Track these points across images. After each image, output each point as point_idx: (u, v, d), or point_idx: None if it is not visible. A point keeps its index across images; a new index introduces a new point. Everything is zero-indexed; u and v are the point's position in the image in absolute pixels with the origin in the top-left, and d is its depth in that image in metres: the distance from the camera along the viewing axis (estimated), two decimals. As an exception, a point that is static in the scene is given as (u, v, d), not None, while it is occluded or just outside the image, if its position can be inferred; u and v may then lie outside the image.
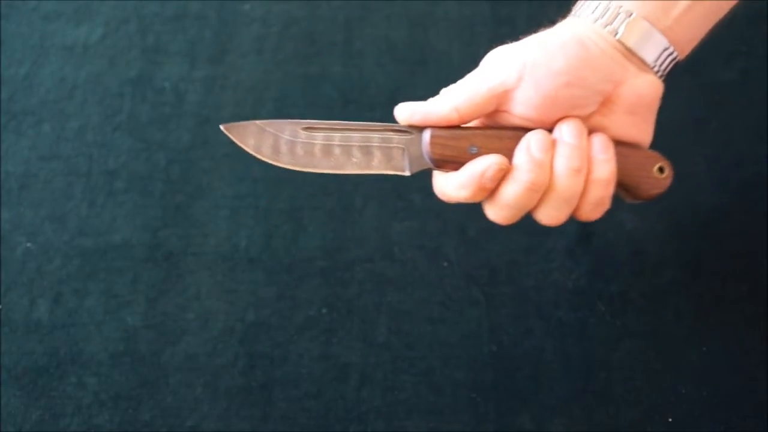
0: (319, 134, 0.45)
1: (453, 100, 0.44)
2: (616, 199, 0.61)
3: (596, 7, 0.44)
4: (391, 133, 0.45)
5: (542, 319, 0.56)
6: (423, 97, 0.67)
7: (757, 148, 0.64)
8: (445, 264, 0.59)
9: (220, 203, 0.62)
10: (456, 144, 0.44)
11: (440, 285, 0.58)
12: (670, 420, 0.52)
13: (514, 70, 0.43)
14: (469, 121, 0.45)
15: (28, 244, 0.60)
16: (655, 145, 0.64)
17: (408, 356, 0.55)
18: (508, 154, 0.43)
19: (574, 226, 0.60)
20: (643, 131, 0.46)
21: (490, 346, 0.55)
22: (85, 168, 0.64)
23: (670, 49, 0.44)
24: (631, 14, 0.43)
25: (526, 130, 0.44)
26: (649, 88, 0.44)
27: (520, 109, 0.44)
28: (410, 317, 0.57)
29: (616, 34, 0.43)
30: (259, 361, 0.55)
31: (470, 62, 0.45)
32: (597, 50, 0.43)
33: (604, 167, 0.43)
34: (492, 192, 0.44)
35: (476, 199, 0.44)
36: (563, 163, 0.43)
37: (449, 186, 0.44)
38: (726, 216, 0.60)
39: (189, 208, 0.62)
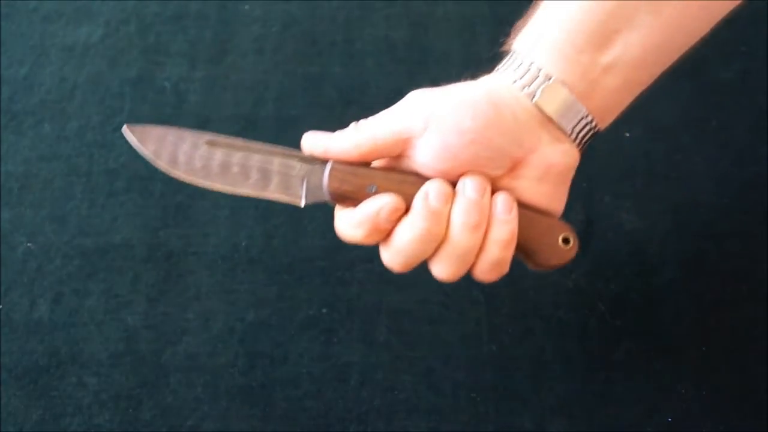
0: (221, 150, 0.44)
1: (356, 138, 0.43)
2: (617, 198, 0.62)
3: (518, 66, 0.42)
4: (295, 160, 0.44)
5: (542, 319, 0.56)
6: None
7: (757, 148, 0.64)
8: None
9: (220, 203, 0.62)
10: (355, 180, 0.43)
11: (440, 285, 0.58)
12: (670, 420, 0.52)
13: (420, 119, 0.42)
14: (370, 161, 0.44)
15: (29, 244, 0.60)
16: (655, 145, 0.65)
17: (408, 356, 0.55)
18: (408, 199, 0.42)
19: (574, 226, 0.60)
20: (554, 199, 0.44)
21: (490, 346, 0.55)
22: (85, 168, 0.64)
23: (589, 118, 0.42)
24: (549, 78, 0.41)
25: (428, 178, 0.43)
26: (562, 158, 0.42)
27: (422, 158, 0.42)
28: (410, 317, 0.57)
29: (533, 97, 0.41)
30: (259, 361, 0.55)
31: (470, 62, 0.45)
32: (509, 114, 0.41)
33: (504, 228, 0.42)
34: (387, 235, 0.43)
35: (371, 241, 0.43)
36: (460, 217, 0.41)
37: (344, 222, 0.43)
38: (726, 216, 0.60)
39: (189, 208, 0.62)
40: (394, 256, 0.43)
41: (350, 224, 0.43)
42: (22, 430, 0.52)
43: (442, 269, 0.43)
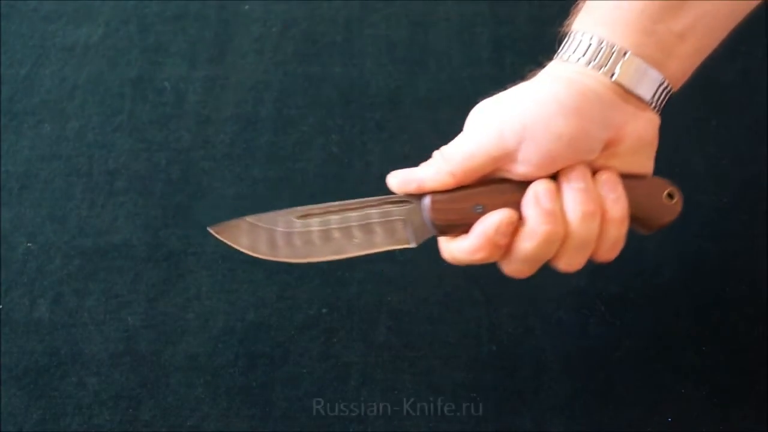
0: (316, 220, 0.43)
1: (448, 165, 0.42)
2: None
3: (586, 49, 0.42)
4: (389, 205, 0.43)
5: (542, 319, 0.56)
6: (423, 98, 0.68)
7: (757, 148, 0.64)
8: (445, 264, 0.59)
9: (220, 203, 0.62)
10: (459, 207, 0.42)
11: (440, 285, 0.58)
12: (670, 420, 0.52)
13: (512, 135, 0.41)
14: (466, 183, 0.43)
15: (29, 244, 0.60)
16: (655, 145, 0.64)
17: (408, 356, 0.55)
18: (515, 207, 0.42)
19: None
20: (645, 164, 0.45)
21: (490, 346, 0.55)
22: (85, 168, 0.64)
23: (665, 83, 0.43)
24: (625, 53, 0.41)
25: (528, 181, 0.42)
26: (648, 127, 0.43)
27: (521, 169, 0.42)
28: (410, 317, 0.57)
29: (613, 75, 0.41)
30: (259, 361, 0.55)
31: (470, 62, 0.45)
32: (595, 98, 0.41)
33: (616, 206, 0.42)
34: (507, 248, 0.42)
35: (493, 259, 0.43)
36: (576, 208, 0.41)
37: (461, 251, 0.42)
38: (726, 216, 0.60)
39: (189, 208, 0.62)
40: (519, 266, 0.43)
41: (468, 251, 0.42)
42: (22, 430, 0.52)
43: (567, 263, 0.43)
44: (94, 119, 0.67)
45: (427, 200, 0.42)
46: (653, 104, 0.43)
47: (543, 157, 0.41)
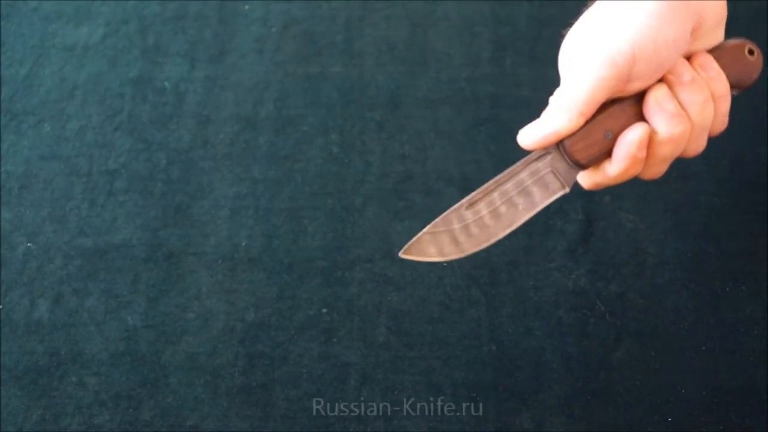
0: (482, 204, 0.45)
1: (576, 107, 0.43)
2: (617, 199, 0.62)
3: None
4: (534, 163, 0.45)
5: (542, 319, 0.56)
6: (423, 98, 0.68)
7: (757, 148, 0.64)
8: (445, 264, 0.59)
9: (220, 203, 0.62)
10: (594, 140, 0.44)
11: (440, 285, 0.58)
12: (670, 420, 0.52)
13: (624, 59, 0.43)
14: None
15: (29, 244, 0.60)
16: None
17: (408, 356, 0.55)
18: (635, 119, 0.44)
19: (574, 226, 0.60)
20: (719, 36, 0.47)
21: (490, 346, 0.55)
22: (85, 168, 0.64)
23: None
24: None
25: (639, 93, 0.45)
26: (718, 4, 0.45)
27: (634, 86, 0.44)
28: (410, 317, 0.57)
29: None
30: (259, 361, 0.55)
31: (470, 62, 0.45)
32: None
33: (718, 83, 0.45)
34: (647, 158, 0.45)
35: (637, 173, 0.45)
36: (694, 99, 0.44)
37: (610, 176, 0.45)
38: (726, 216, 0.60)
39: (189, 208, 0.62)
40: (659, 168, 0.46)
41: (618, 174, 0.44)
42: (22, 430, 0.52)
43: (694, 149, 0.46)
44: (94, 119, 0.67)
45: (566, 145, 0.44)
46: None
47: (655, 68, 0.43)
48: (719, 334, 0.55)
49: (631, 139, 0.44)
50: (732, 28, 0.48)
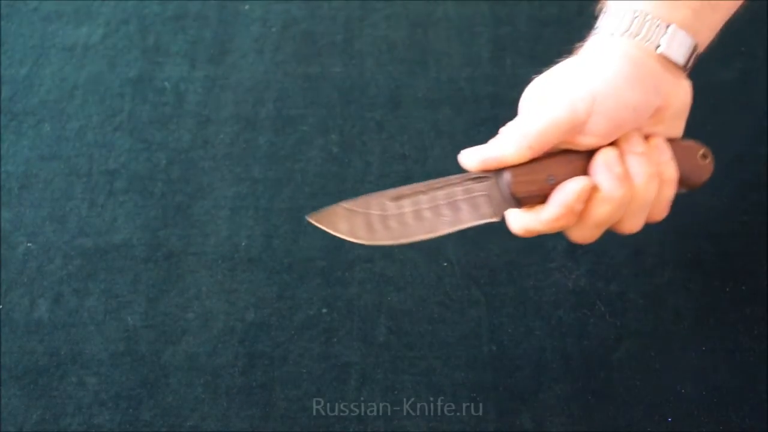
0: (407, 201, 0.44)
1: (526, 139, 0.43)
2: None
3: (631, 23, 0.44)
4: (470, 182, 0.44)
5: (542, 319, 0.56)
6: (423, 98, 0.68)
7: (756, 148, 0.64)
8: (445, 264, 0.59)
9: (220, 203, 0.62)
10: (536, 178, 0.44)
11: (440, 285, 0.58)
12: (670, 420, 0.52)
13: (584, 107, 0.43)
14: (538, 156, 0.45)
15: (29, 244, 0.60)
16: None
17: (408, 356, 0.55)
18: (580, 173, 0.44)
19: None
20: (680, 129, 0.48)
21: (490, 346, 0.55)
22: (85, 168, 0.64)
23: (697, 50, 0.46)
24: (668, 26, 0.44)
25: (590, 150, 0.45)
26: (686, 93, 0.46)
27: (587, 140, 0.44)
28: (410, 317, 0.57)
29: (658, 47, 0.44)
30: (259, 361, 0.55)
31: (470, 62, 0.45)
32: (648, 70, 0.44)
33: (669, 168, 0.45)
34: (581, 215, 0.44)
35: (568, 227, 0.45)
36: (641, 171, 0.44)
37: (539, 221, 0.44)
38: (726, 216, 0.60)
39: (189, 208, 0.62)
40: (591, 231, 0.45)
41: (548, 220, 0.44)
42: (22, 430, 0.52)
43: (632, 224, 0.46)
44: (94, 119, 0.67)
45: (507, 175, 0.44)
46: (687, 69, 0.46)
47: (611, 127, 0.43)
48: (719, 334, 0.55)
49: (572, 187, 0.43)
50: (732, 28, 0.48)
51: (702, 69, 0.69)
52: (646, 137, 0.46)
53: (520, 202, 0.44)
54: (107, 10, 0.74)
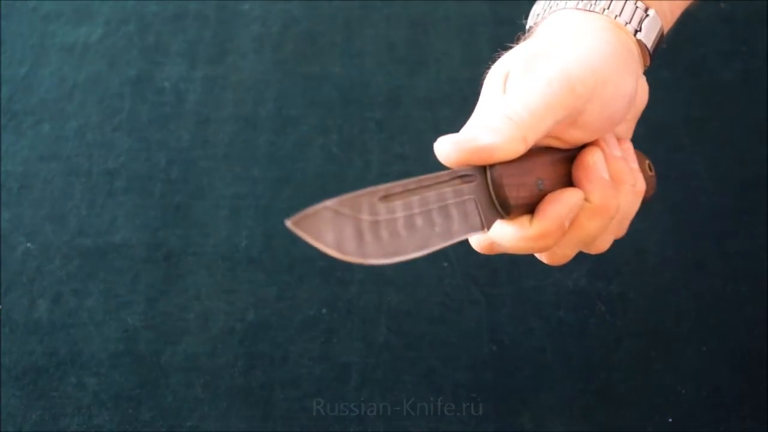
0: (398, 203, 0.35)
1: (520, 130, 0.34)
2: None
3: (622, 7, 0.38)
4: (458, 181, 0.35)
5: (542, 319, 0.56)
6: (423, 98, 0.68)
7: (757, 148, 0.64)
8: (445, 264, 0.59)
9: (220, 203, 0.62)
10: (526, 181, 0.35)
11: (440, 285, 0.58)
12: (670, 420, 0.52)
13: (584, 90, 0.34)
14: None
15: (28, 244, 0.60)
16: (655, 145, 0.65)
17: (408, 356, 0.55)
18: (566, 180, 0.37)
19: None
20: (631, 132, 0.41)
21: (490, 346, 0.55)
22: (85, 168, 0.64)
23: (662, 32, 0.40)
24: (647, 10, 0.38)
25: (570, 147, 0.38)
26: (646, 91, 0.40)
27: (575, 134, 0.36)
28: (410, 317, 0.57)
29: (637, 33, 0.38)
30: (259, 361, 0.55)
31: (470, 62, 0.45)
32: (633, 56, 0.38)
33: (640, 176, 0.39)
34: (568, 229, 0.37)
35: (551, 244, 0.36)
36: (624, 179, 0.37)
37: (523, 237, 0.36)
38: (726, 216, 0.60)
39: (189, 208, 0.62)
40: (572, 251, 0.38)
41: (535, 236, 0.35)
42: (22, 430, 0.52)
43: (605, 242, 0.38)
44: (94, 119, 0.67)
45: (497, 175, 0.34)
46: (650, 60, 0.40)
47: (603, 120, 0.36)
48: (719, 334, 0.55)
49: (570, 200, 0.35)
50: (732, 28, 0.48)
51: (702, 69, 0.69)
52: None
53: (509, 209, 0.35)
54: (107, 10, 0.74)
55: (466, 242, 0.57)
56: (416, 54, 0.70)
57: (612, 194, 0.36)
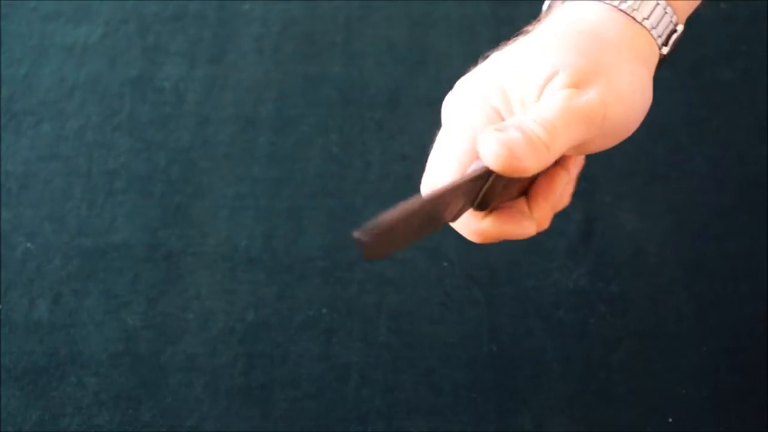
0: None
1: (550, 153, 0.33)
2: (617, 199, 0.62)
3: (650, 13, 0.36)
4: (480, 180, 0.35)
5: (542, 319, 0.56)
6: (423, 98, 0.68)
7: (757, 147, 0.64)
8: (445, 264, 0.59)
9: (220, 203, 0.62)
10: (512, 192, 0.37)
11: (440, 285, 0.58)
12: (670, 420, 0.52)
13: (615, 121, 0.34)
14: None
15: (28, 244, 0.60)
16: (655, 145, 0.65)
17: (408, 356, 0.55)
18: (525, 185, 0.38)
19: (574, 226, 0.60)
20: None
21: (490, 346, 0.55)
22: (84, 168, 0.64)
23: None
24: (674, 21, 0.37)
25: None
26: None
27: (592, 147, 0.36)
28: (410, 317, 0.57)
29: (665, 46, 0.37)
30: (259, 361, 0.55)
31: (470, 62, 0.45)
32: (650, 71, 0.37)
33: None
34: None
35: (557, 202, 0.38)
36: (564, 201, 0.39)
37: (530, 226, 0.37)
38: (726, 216, 0.60)
39: (189, 208, 0.62)
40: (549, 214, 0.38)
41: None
42: (22, 430, 0.52)
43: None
44: (94, 119, 0.67)
45: (497, 182, 0.35)
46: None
47: (609, 139, 0.35)
48: (719, 334, 0.55)
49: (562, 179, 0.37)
50: (732, 28, 0.48)
51: (702, 69, 0.69)
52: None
53: (483, 209, 0.37)
54: (107, 10, 0.74)
55: (467, 244, 0.57)
56: (416, 54, 0.70)
57: (549, 215, 0.37)
